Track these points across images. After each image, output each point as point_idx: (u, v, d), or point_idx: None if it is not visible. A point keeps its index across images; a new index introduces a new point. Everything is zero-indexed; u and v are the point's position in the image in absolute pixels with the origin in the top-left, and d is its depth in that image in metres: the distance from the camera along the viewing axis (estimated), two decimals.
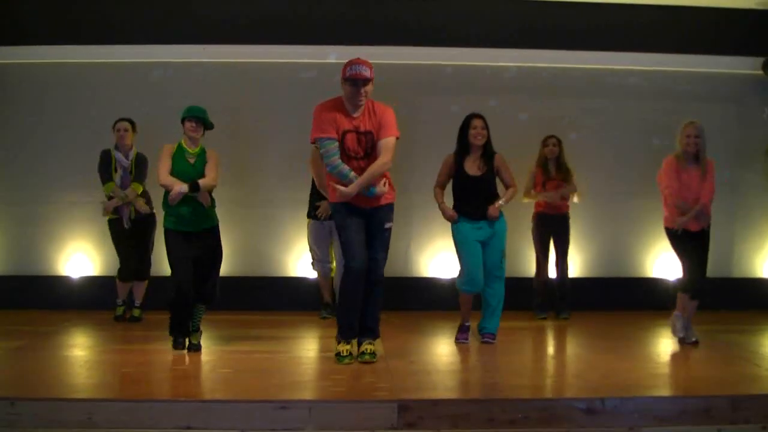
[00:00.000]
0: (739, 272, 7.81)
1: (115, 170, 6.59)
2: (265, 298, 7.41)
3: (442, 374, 4.98)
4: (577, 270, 7.62)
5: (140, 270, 6.71)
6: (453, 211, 5.79)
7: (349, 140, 5.03)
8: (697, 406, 4.15)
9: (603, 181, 7.62)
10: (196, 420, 3.98)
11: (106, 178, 6.60)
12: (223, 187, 5.59)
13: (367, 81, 4.98)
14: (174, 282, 5.31)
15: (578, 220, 7.38)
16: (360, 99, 4.99)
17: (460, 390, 4.72)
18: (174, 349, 5.35)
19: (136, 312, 6.79)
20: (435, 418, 4.03)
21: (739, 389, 4.46)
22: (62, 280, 7.45)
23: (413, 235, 7.58)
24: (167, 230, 5.41)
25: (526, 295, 7.12)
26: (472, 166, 5.81)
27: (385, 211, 5.15)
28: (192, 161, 5.41)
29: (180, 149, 5.43)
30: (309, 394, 4.47)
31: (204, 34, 7.37)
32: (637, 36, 7.57)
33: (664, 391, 4.65)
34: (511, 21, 7.54)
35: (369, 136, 5.04)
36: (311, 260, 6.94)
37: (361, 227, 5.10)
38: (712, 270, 5.85)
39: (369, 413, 4.04)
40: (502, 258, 5.81)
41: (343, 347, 5.13)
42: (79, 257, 7.47)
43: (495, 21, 7.55)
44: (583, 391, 4.48)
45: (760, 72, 7.70)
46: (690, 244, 5.74)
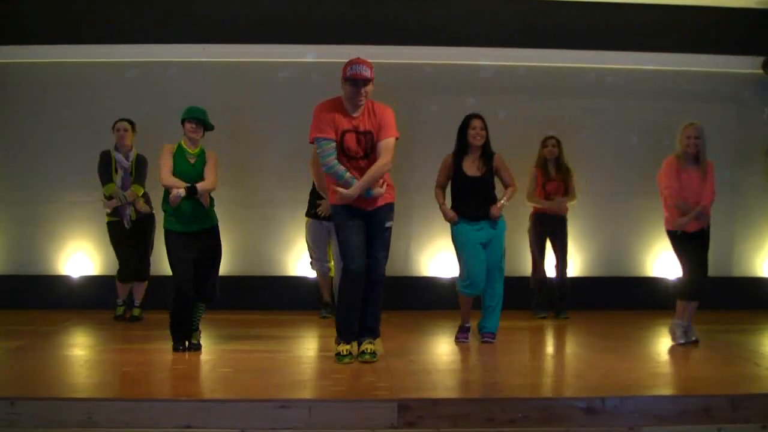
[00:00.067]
0: (739, 272, 7.82)
1: (116, 171, 6.59)
2: (265, 297, 7.42)
3: (442, 374, 4.97)
4: (577, 269, 7.63)
5: (140, 270, 6.71)
6: (453, 212, 5.78)
7: (348, 140, 5.02)
8: (697, 406, 4.15)
9: (603, 181, 7.63)
10: (196, 419, 3.98)
11: (106, 179, 6.59)
12: (223, 187, 5.59)
13: (367, 81, 4.97)
14: (174, 282, 5.32)
15: (578, 219, 7.39)
16: (360, 99, 4.99)
17: (460, 389, 4.72)
18: (174, 350, 5.34)
19: (136, 311, 6.80)
20: (435, 417, 4.03)
21: (739, 389, 4.46)
22: (62, 280, 7.45)
23: (413, 234, 7.58)
24: (167, 231, 5.40)
25: (525, 295, 7.14)
26: (471, 167, 5.80)
27: (385, 211, 5.14)
28: (192, 161, 5.41)
29: (180, 149, 5.42)
30: (309, 393, 4.46)
31: (204, 34, 7.38)
32: (637, 35, 7.57)
33: (664, 391, 4.64)
34: (511, 21, 7.54)
35: (369, 136, 5.03)
36: (310, 259, 6.95)
37: (360, 228, 5.08)
38: (712, 269, 5.84)
39: (369, 413, 4.03)
40: (502, 258, 5.81)
41: (343, 347, 5.13)
42: (79, 257, 7.48)
43: (495, 21, 7.55)
44: (583, 390, 4.47)
45: (761, 71, 7.70)
46: (690, 245, 5.74)
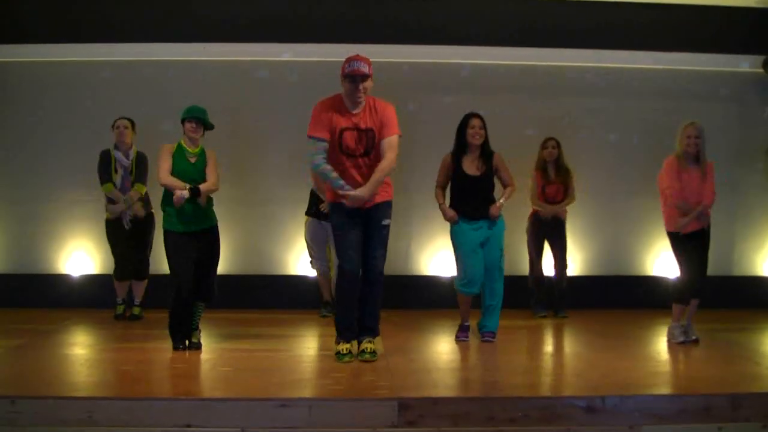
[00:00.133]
0: (739, 271, 7.83)
1: (116, 170, 6.58)
2: (265, 296, 7.42)
3: (442, 372, 4.97)
4: (577, 269, 7.63)
5: (140, 270, 6.71)
6: (453, 211, 5.77)
7: (347, 138, 5.00)
8: (698, 405, 4.15)
9: (603, 180, 7.63)
10: (196, 418, 3.98)
11: (105, 178, 6.58)
12: (223, 186, 5.59)
13: (365, 77, 4.95)
14: (173, 282, 5.30)
15: (579, 219, 7.39)
16: (358, 95, 4.97)
17: (460, 388, 4.71)
18: (174, 349, 5.34)
19: (136, 310, 6.79)
20: (435, 416, 4.03)
21: (740, 388, 4.46)
22: (62, 279, 7.46)
23: (413, 234, 7.59)
24: (167, 231, 5.38)
25: (525, 294, 7.14)
26: (471, 166, 5.79)
27: (382, 208, 5.10)
28: (193, 161, 5.40)
29: (180, 149, 5.41)
30: (309, 392, 4.45)
31: (204, 33, 7.38)
32: (638, 35, 7.57)
33: (664, 390, 4.64)
34: (511, 20, 7.53)
35: (370, 134, 5.01)
36: (309, 258, 6.95)
37: (356, 227, 5.06)
38: (712, 269, 5.85)
39: (369, 411, 4.03)
40: (501, 257, 5.80)
41: (343, 346, 5.12)
42: (79, 256, 7.48)
43: (495, 20, 7.55)
44: (583, 389, 4.47)
45: (761, 70, 7.71)
46: (690, 245, 5.73)
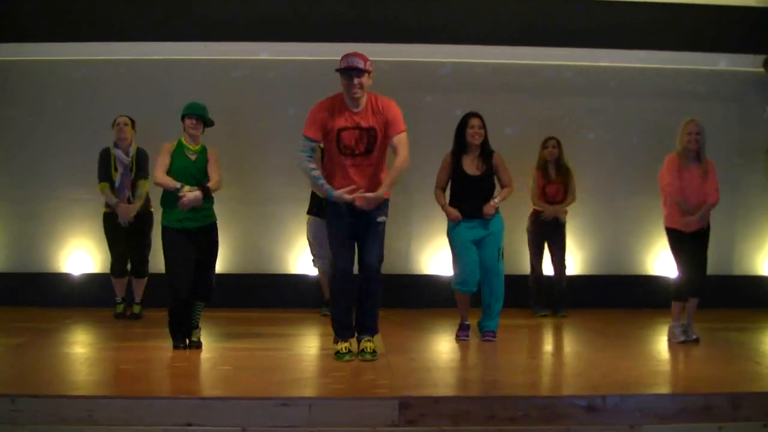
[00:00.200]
0: (739, 270, 7.83)
1: (115, 169, 6.58)
2: (266, 295, 7.42)
3: (442, 371, 4.97)
4: (577, 268, 7.63)
5: (139, 269, 6.71)
6: (457, 211, 5.75)
7: (345, 137, 4.97)
8: (698, 404, 4.14)
9: (603, 180, 7.62)
10: (197, 417, 3.98)
11: (101, 177, 6.59)
12: (224, 185, 5.58)
13: (360, 72, 4.88)
14: (172, 282, 5.27)
15: (579, 218, 7.38)
16: (354, 91, 4.91)
17: (460, 387, 4.72)
18: (175, 348, 5.33)
19: (137, 309, 6.80)
20: (436, 415, 4.03)
21: (740, 387, 4.46)
22: (63, 278, 7.46)
23: (413, 233, 7.59)
24: (165, 228, 5.36)
25: (525, 293, 7.14)
26: (471, 166, 5.79)
27: (377, 206, 5.01)
28: (193, 158, 5.39)
29: (180, 146, 5.40)
30: (309, 391, 4.46)
31: (205, 32, 7.38)
32: (638, 34, 7.56)
33: (664, 389, 4.65)
34: (511, 19, 7.53)
35: (372, 132, 4.98)
36: (311, 257, 6.95)
37: (349, 225, 5.03)
38: (713, 268, 5.85)
39: (370, 410, 4.03)
40: (500, 257, 5.79)
41: (342, 345, 5.12)
42: (79, 254, 7.48)
43: (495, 19, 7.54)
44: (583, 388, 4.47)
45: (761, 70, 7.70)
46: (690, 244, 5.72)
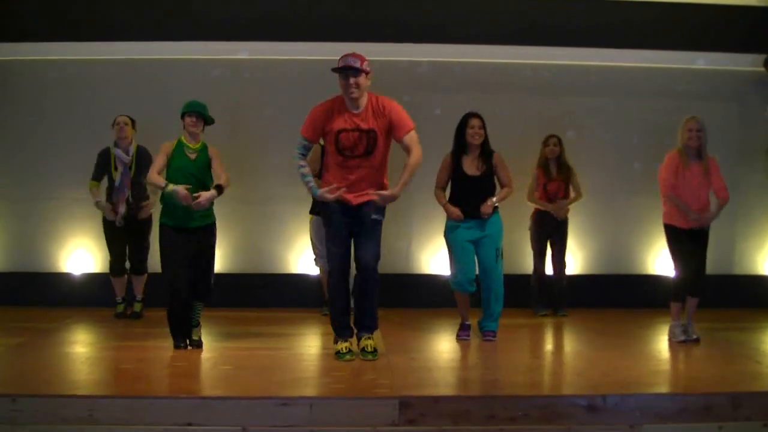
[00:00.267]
0: (740, 270, 7.83)
1: (115, 168, 6.59)
2: (266, 295, 7.42)
3: (443, 371, 4.97)
4: (578, 267, 7.63)
5: (138, 267, 6.71)
6: (458, 209, 5.74)
7: (344, 139, 4.96)
8: (698, 404, 4.14)
9: (604, 179, 7.62)
10: (197, 417, 3.97)
11: (94, 176, 6.61)
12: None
13: (357, 72, 4.85)
14: (170, 281, 5.25)
15: (580, 217, 7.38)
16: (351, 91, 4.88)
17: (461, 387, 4.72)
18: (175, 348, 5.33)
19: (137, 306, 6.80)
20: (436, 415, 4.03)
21: (740, 387, 4.45)
22: (63, 277, 7.46)
23: (414, 233, 7.59)
24: (164, 226, 5.35)
25: (526, 293, 7.14)
26: (471, 166, 5.79)
27: (372, 205, 5.00)
28: (193, 156, 5.38)
29: (180, 145, 5.40)
30: (310, 391, 4.46)
31: (205, 32, 7.38)
32: (638, 33, 7.56)
33: (665, 389, 4.65)
34: (511, 18, 7.53)
35: (372, 134, 4.96)
36: (313, 256, 6.94)
37: (346, 225, 5.03)
38: (713, 268, 5.85)
39: (370, 410, 4.03)
40: (498, 257, 5.77)
41: (341, 345, 5.12)
42: (80, 254, 7.48)
43: (495, 18, 7.54)
44: (584, 388, 4.47)
45: (762, 69, 7.70)
46: (689, 243, 5.71)
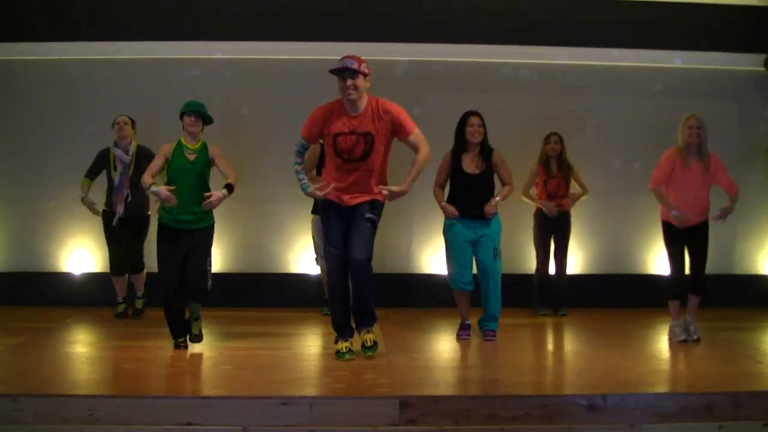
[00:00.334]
0: (740, 269, 7.82)
1: (115, 168, 6.58)
2: (266, 294, 7.42)
3: (443, 371, 4.97)
4: (578, 267, 7.62)
5: (134, 265, 6.71)
6: (453, 207, 5.75)
7: (341, 142, 4.96)
8: (698, 403, 4.15)
9: (604, 179, 7.60)
10: (197, 416, 3.98)
11: (87, 172, 6.62)
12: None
13: (354, 73, 4.84)
14: (163, 278, 5.27)
15: (580, 217, 7.38)
16: (348, 92, 4.87)
17: (461, 386, 4.72)
18: (175, 347, 5.34)
19: (139, 303, 6.82)
20: (436, 414, 4.03)
21: (741, 386, 4.46)
22: (64, 277, 7.46)
23: (414, 233, 7.59)
24: (161, 224, 5.36)
25: (526, 292, 7.13)
26: (470, 164, 5.79)
27: (367, 205, 5.01)
28: (192, 158, 5.37)
29: (179, 146, 5.39)
30: (310, 390, 4.46)
31: (206, 31, 7.36)
32: (638, 33, 7.55)
33: (665, 388, 4.65)
34: (512, 17, 7.51)
35: (369, 137, 4.94)
36: (315, 255, 6.94)
37: (340, 225, 5.04)
38: (713, 267, 5.84)
39: (370, 410, 4.03)
40: (496, 256, 5.77)
41: (342, 344, 5.12)
42: (80, 254, 7.48)
43: (496, 18, 7.53)
44: (584, 387, 4.48)
45: (762, 69, 7.69)
46: (686, 241, 5.71)
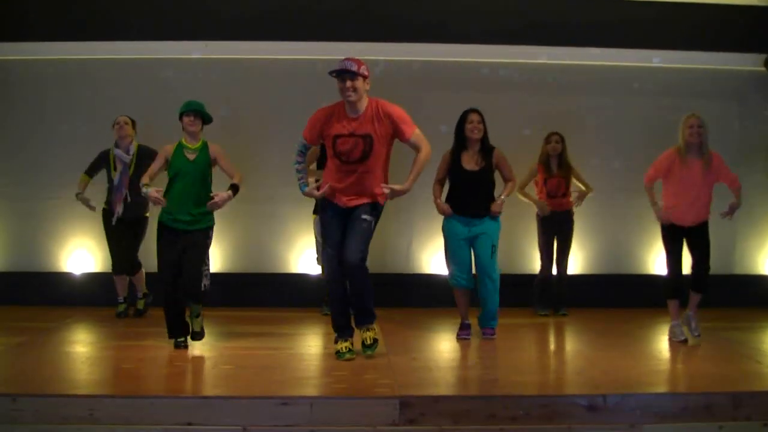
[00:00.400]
0: (740, 269, 7.82)
1: (114, 168, 6.58)
2: (267, 294, 7.42)
3: (443, 371, 4.97)
4: (579, 267, 7.62)
5: (131, 266, 6.71)
6: (447, 205, 5.78)
7: (340, 144, 4.97)
8: (699, 403, 4.15)
9: (604, 179, 7.60)
10: (198, 416, 3.98)
11: (86, 169, 6.63)
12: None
13: (353, 75, 4.84)
14: (161, 277, 5.30)
15: (581, 216, 7.37)
16: (348, 94, 4.88)
17: (461, 386, 4.73)
18: (176, 347, 5.34)
19: (140, 304, 6.83)
20: (436, 414, 4.04)
21: (741, 386, 4.46)
22: (64, 277, 7.46)
23: (414, 232, 7.59)
24: (161, 224, 5.37)
25: (527, 292, 7.13)
26: (470, 161, 5.80)
27: (365, 207, 5.02)
28: (192, 157, 5.37)
29: (180, 146, 5.40)
30: (310, 390, 4.46)
31: (207, 31, 7.37)
32: (638, 33, 7.54)
33: (665, 388, 4.65)
34: (512, 17, 7.51)
35: (368, 139, 4.94)
36: (316, 255, 6.94)
37: (338, 225, 5.06)
38: (713, 267, 5.82)
39: (370, 410, 4.04)
40: (493, 254, 5.77)
41: (342, 344, 5.13)
42: (80, 253, 7.48)
43: (496, 17, 7.53)
44: (584, 387, 4.47)
45: (762, 68, 7.69)
46: (687, 240, 5.71)
